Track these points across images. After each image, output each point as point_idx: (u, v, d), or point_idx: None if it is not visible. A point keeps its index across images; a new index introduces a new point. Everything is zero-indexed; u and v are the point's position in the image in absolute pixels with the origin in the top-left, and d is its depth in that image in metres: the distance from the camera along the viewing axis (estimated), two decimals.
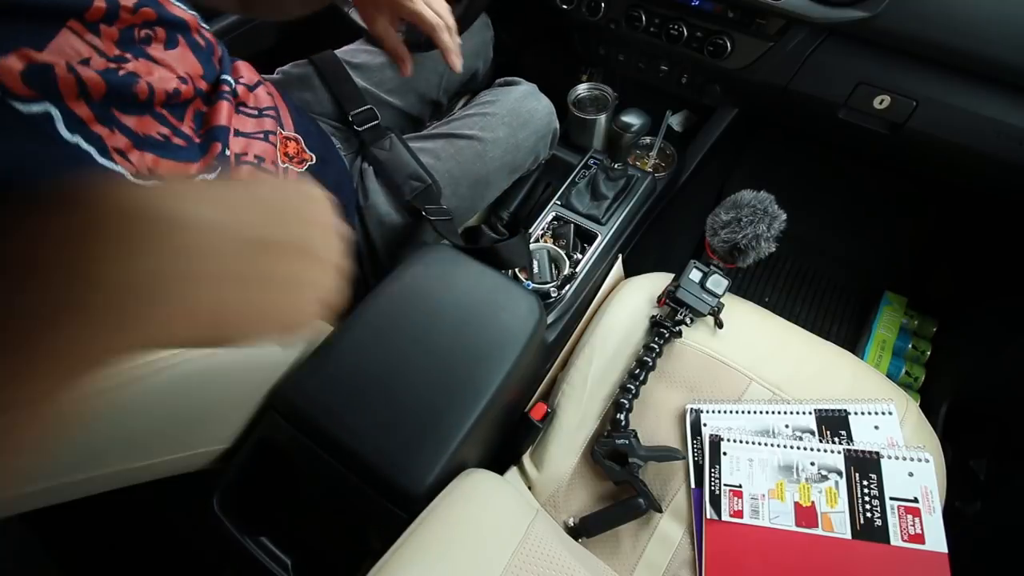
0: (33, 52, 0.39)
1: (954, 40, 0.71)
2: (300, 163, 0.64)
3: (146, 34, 0.50)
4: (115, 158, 0.45)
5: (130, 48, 0.47)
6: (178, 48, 0.53)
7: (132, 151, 0.47)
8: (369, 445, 0.55)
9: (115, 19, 0.46)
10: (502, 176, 0.86)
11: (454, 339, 0.60)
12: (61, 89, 0.41)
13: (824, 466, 0.62)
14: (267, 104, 0.63)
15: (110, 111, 0.45)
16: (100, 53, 0.45)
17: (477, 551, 0.54)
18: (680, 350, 0.72)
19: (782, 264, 1.24)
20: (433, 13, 0.65)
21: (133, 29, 0.48)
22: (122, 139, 0.46)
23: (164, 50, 0.51)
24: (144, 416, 0.51)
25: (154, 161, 0.48)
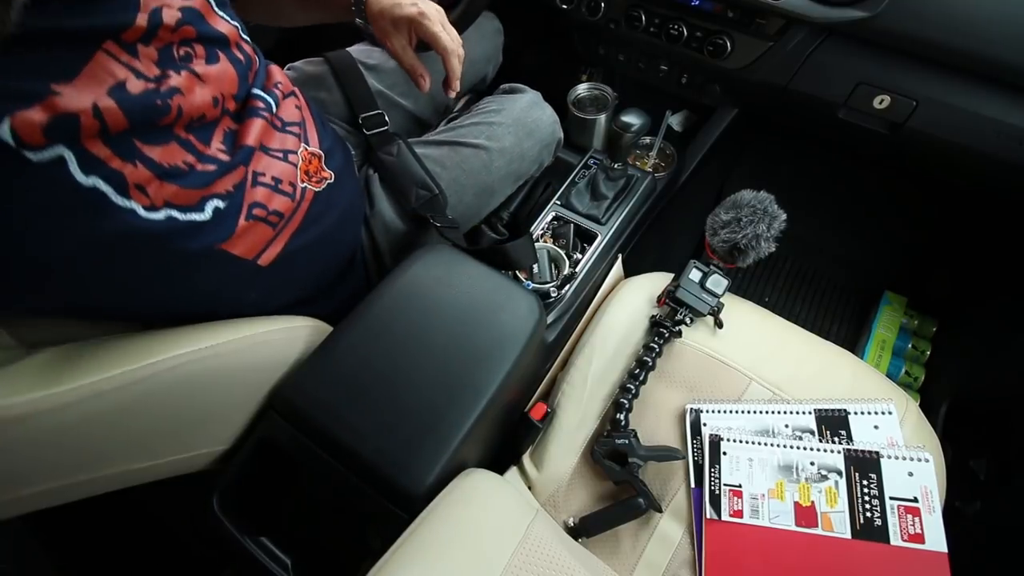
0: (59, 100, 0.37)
1: (954, 40, 0.71)
2: (318, 182, 0.62)
3: (186, 52, 0.48)
4: (132, 194, 0.43)
5: (171, 65, 0.46)
6: (219, 64, 0.51)
7: (152, 183, 0.45)
8: (369, 445, 0.55)
9: (153, 38, 0.44)
10: (507, 184, 0.87)
11: (454, 339, 0.60)
12: (82, 133, 0.39)
13: (824, 466, 0.62)
14: (294, 119, 0.62)
15: (132, 144, 0.43)
16: (138, 74, 0.43)
17: (477, 551, 0.54)
18: (680, 350, 0.72)
19: (782, 264, 1.24)
20: (448, 38, 0.66)
21: (172, 47, 0.46)
22: (144, 172, 0.44)
23: (206, 65, 0.50)
24: (145, 418, 0.51)
25: (174, 193, 0.47)
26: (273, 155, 0.57)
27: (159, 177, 0.45)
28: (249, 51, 0.56)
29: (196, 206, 0.49)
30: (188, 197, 0.48)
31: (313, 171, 0.62)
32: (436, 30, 0.65)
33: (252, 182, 0.55)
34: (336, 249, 0.69)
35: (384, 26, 0.67)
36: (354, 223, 0.71)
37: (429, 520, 0.53)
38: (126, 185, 0.43)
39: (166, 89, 0.45)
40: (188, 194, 0.48)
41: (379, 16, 0.66)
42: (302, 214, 0.60)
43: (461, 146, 0.80)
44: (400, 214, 0.75)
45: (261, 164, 0.56)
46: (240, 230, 0.53)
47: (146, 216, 0.45)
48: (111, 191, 0.42)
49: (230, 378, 0.56)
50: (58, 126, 0.37)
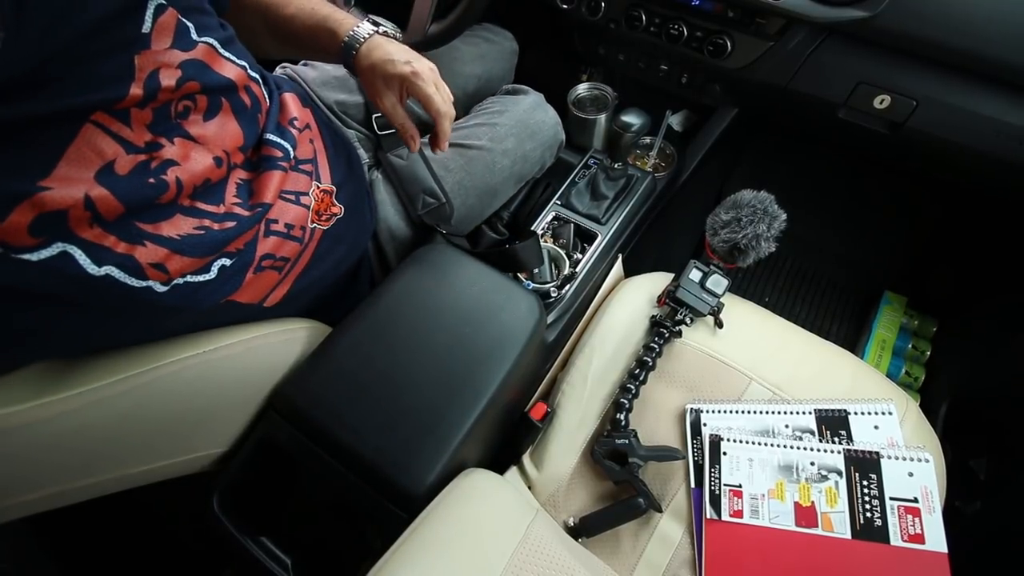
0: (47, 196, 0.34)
1: (954, 39, 0.71)
2: (327, 220, 0.60)
3: (185, 107, 0.43)
4: (149, 273, 0.41)
5: (164, 129, 0.42)
6: (219, 116, 0.47)
7: (171, 258, 0.42)
8: (369, 445, 0.55)
9: (151, 101, 0.40)
10: (509, 186, 0.87)
11: (454, 339, 0.60)
12: (72, 225, 0.36)
13: (824, 466, 0.62)
14: (307, 156, 0.59)
15: (133, 226, 0.40)
16: (128, 147, 0.39)
17: (477, 551, 0.54)
18: (680, 350, 0.72)
19: (782, 264, 1.24)
20: (442, 99, 0.61)
21: (170, 105, 0.42)
22: (160, 251, 0.42)
23: (203, 123, 0.45)
24: (145, 422, 0.51)
25: (192, 263, 0.44)
26: (286, 199, 0.54)
27: (176, 251, 0.43)
28: (258, 92, 0.52)
29: (204, 268, 0.47)
30: (198, 264, 0.46)
31: (324, 209, 0.59)
32: (430, 91, 0.59)
33: (265, 232, 0.52)
34: (342, 273, 0.67)
35: (374, 81, 0.61)
36: (361, 247, 0.70)
37: (429, 520, 0.53)
38: (140, 267, 0.41)
39: (158, 164, 0.41)
40: (199, 261, 0.46)
41: (369, 71, 0.60)
42: (309, 254, 0.58)
43: (465, 148, 0.80)
44: (406, 220, 0.75)
45: (275, 211, 0.53)
46: (248, 282, 0.52)
47: (161, 290, 0.43)
48: (125, 276, 0.40)
49: (230, 381, 0.56)
50: (45, 223, 0.34)
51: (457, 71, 0.89)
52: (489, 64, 0.94)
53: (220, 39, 0.47)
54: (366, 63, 0.60)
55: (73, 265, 0.37)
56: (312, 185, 0.58)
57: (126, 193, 0.38)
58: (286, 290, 0.57)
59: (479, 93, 0.93)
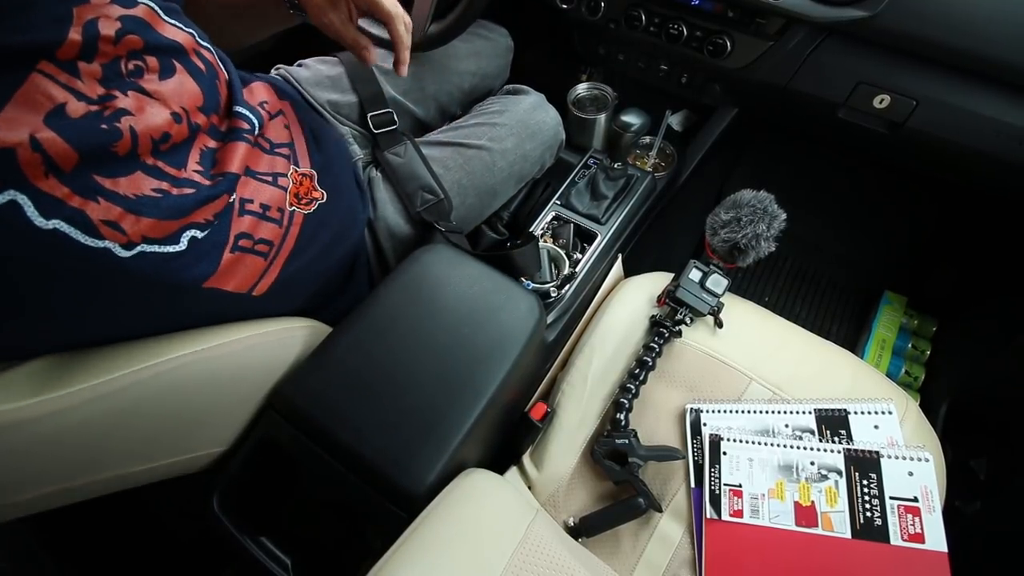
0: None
1: (954, 39, 0.71)
2: (308, 204, 0.60)
3: (135, 66, 0.43)
4: (104, 232, 0.40)
5: (117, 83, 0.41)
6: (175, 76, 0.46)
7: (126, 217, 0.41)
8: (369, 445, 0.55)
9: (95, 53, 0.39)
10: (509, 186, 0.86)
11: (454, 339, 0.60)
12: (25, 171, 0.35)
13: (824, 466, 0.62)
14: (282, 140, 0.59)
15: (90, 179, 0.39)
16: (79, 96, 0.38)
17: (477, 551, 0.54)
18: (680, 350, 0.72)
19: (782, 264, 1.24)
20: (392, 2, 0.60)
21: (119, 62, 0.42)
22: (113, 208, 0.40)
23: (159, 81, 0.45)
24: (144, 420, 0.51)
25: (150, 226, 0.43)
26: (262, 179, 0.54)
27: (131, 210, 0.41)
28: (211, 59, 0.51)
29: (171, 237, 0.45)
30: (164, 228, 0.44)
31: (304, 193, 0.59)
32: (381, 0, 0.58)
33: (240, 210, 0.52)
34: (334, 264, 0.67)
35: (320, 7, 0.60)
36: (351, 236, 0.70)
37: (429, 520, 0.53)
38: (91, 224, 0.39)
39: (112, 112, 0.40)
40: (164, 225, 0.44)
41: None
42: (293, 239, 0.58)
43: (464, 147, 0.80)
44: (405, 218, 0.75)
45: (249, 190, 0.53)
46: (226, 263, 0.51)
47: (123, 255, 0.42)
48: (77, 232, 0.38)
49: (230, 379, 0.56)
50: None
51: (452, 68, 0.89)
52: (484, 61, 0.94)
53: (161, 5, 0.46)
54: None
55: (21, 217, 0.35)
56: (290, 168, 0.58)
57: (77, 137, 0.37)
58: (274, 277, 0.57)
59: (475, 90, 0.92)
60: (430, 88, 0.86)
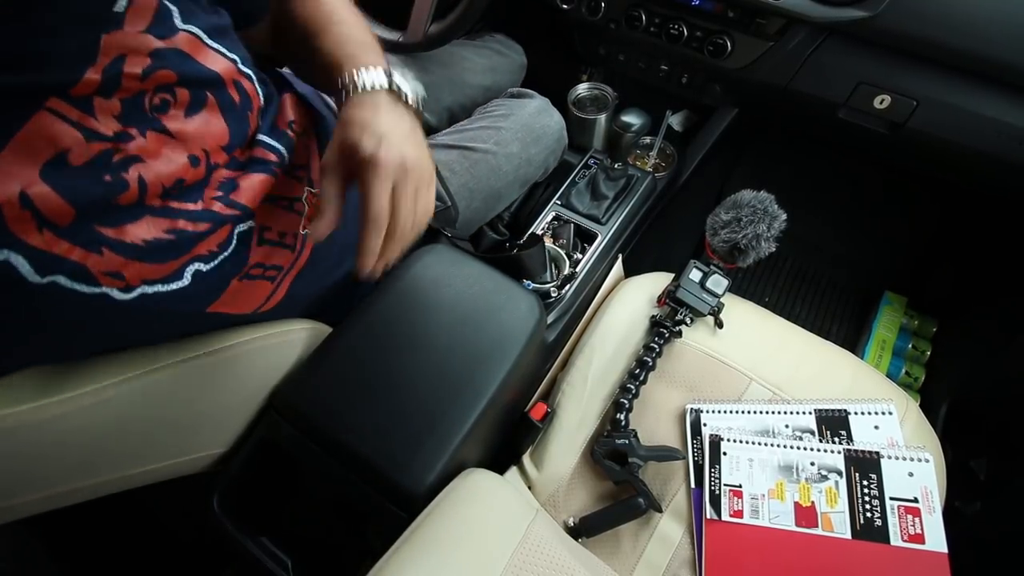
0: None
1: (954, 40, 0.71)
2: None
3: (162, 100, 0.38)
4: (103, 281, 0.37)
5: (137, 121, 0.37)
6: (203, 112, 0.41)
7: (129, 265, 0.38)
8: (369, 445, 0.55)
9: (116, 89, 0.35)
10: (514, 189, 0.87)
11: (454, 339, 0.60)
12: (13, 229, 0.32)
13: (824, 466, 0.62)
14: (302, 161, 0.54)
15: (92, 231, 0.36)
16: (90, 135, 0.34)
17: (477, 551, 0.54)
18: (680, 350, 0.72)
19: (782, 264, 1.24)
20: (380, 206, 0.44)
21: (143, 97, 0.37)
22: (115, 258, 0.37)
23: (184, 118, 0.40)
24: (145, 424, 0.51)
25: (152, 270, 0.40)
26: (280, 205, 0.51)
27: (136, 258, 0.38)
28: (249, 88, 0.46)
29: (174, 274, 0.42)
30: (166, 269, 0.41)
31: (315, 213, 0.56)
32: (376, 190, 0.44)
33: (259, 239, 0.48)
34: (341, 276, 0.65)
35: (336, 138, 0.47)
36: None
37: (429, 520, 0.53)
38: (92, 276, 0.36)
39: (122, 158, 0.36)
40: (166, 267, 0.41)
41: (340, 125, 0.47)
42: (303, 262, 0.56)
43: (470, 151, 0.80)
44: None
45: (269, 218, 0.49)
46: (232, 290, 0.48)
47: (122, 298, 0.39)
48: (75, 284, 0.36)
49: (231, 382, 0.56)
50: None
51: (468, 81, 0.90)
52: (498, 76, 0.95)
53: (208, 27, 0.41)
54: (345, 114, 0.47)
55: (13, 275, 0.33)
56: (305, 191, 0.54)
57: (74, 192, 0.33)
58: (280, 297, 0.56)
59: (485, 102, 0.93)
60: (446, 100, 0.88)
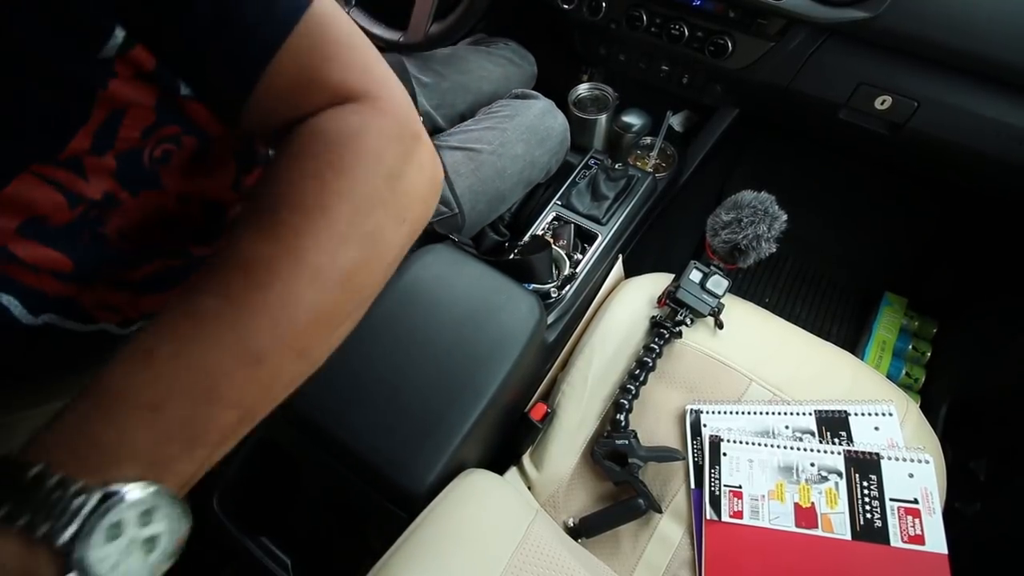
0: None
1: (955, 40, 0.71)
2: None
3: (164, 152, 0.34)
4: (99, 317, 0.36)
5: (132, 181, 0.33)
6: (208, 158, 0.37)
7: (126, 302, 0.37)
8: (369, 445, 0.55)
9: (107, 150, 0.31)
10: (517, 191, 0.87)
11: (454, 339, 0.60)
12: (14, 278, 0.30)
13: (824, 467, 0.62)
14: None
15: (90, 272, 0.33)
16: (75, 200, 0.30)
17: (477, 551, 0.54)
18: (680, 351, 0.72)
19: (782, 265, 1.24)
20: None
21: (141, 153, 0.33)
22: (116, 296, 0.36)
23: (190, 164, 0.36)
24: None
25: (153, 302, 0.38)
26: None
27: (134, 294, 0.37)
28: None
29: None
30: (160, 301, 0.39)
31: None
32: None
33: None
34: None
35: None
36: None
37: (429, 520, 0.53)
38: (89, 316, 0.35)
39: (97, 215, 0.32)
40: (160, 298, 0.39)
41: None
42: None
43: (475, 152, 0.80)
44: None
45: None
46: None
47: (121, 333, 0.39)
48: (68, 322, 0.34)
49: None
50: None
51: (482, 90, 0.92)
52: (512, 84, 0.97)
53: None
54: None
55: (6, 316, 0.31)
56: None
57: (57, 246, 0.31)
58: None
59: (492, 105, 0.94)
60: (459, 106, 0.89)
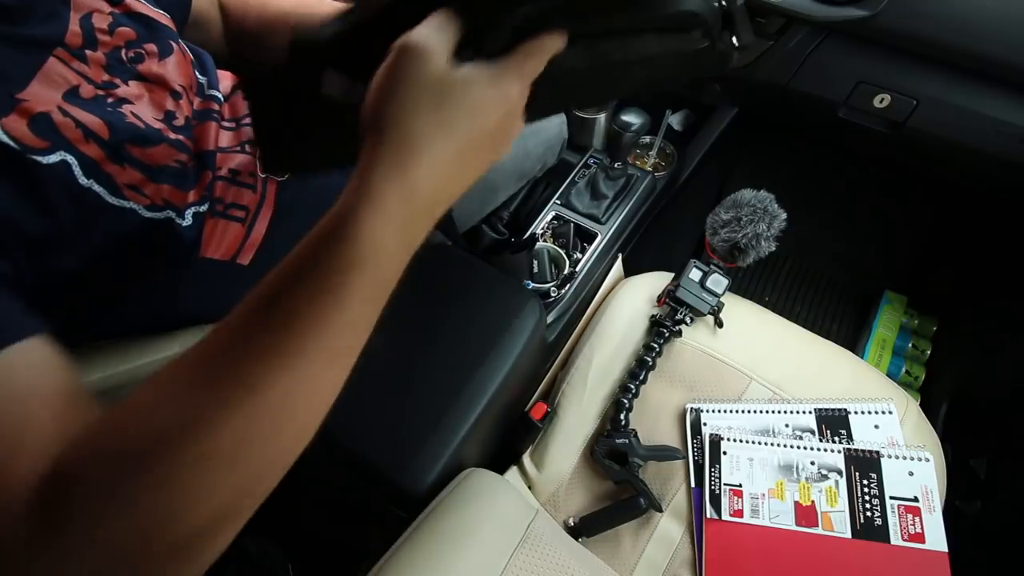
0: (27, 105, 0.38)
1: (954, 39, 0.71)
2: None
3: (136, 53, 0.47)
4: (127, 194, 0.44)
5: (119, 71, 0.46)
6: (172, 56, 0.50)
7: (147, 184, 0.45)
8: (369, 445, 0.55)
9: (96, 43, 0.44)
10: (510, 183, 0.86)
11: (454, 339, 0.60)
12: (65, 134, 0.40)
13: (824, 465, 0.62)
14: (244, 112, 0.59)
15: (123, 148, 0.44)
16: (88, 80, 0.43)
17: (477, 551, 0.54)
18: (680, 349, 0.72)
19: (782, 263, 1.24)
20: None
21: (119, 51, 0.46)
22: (135, 174, 0.44)
23: (159, 62, 0.49)
24: None
25: (170, 192, 0.47)
26: (230, 151, 0.55)
27: (152, 179, 0.45)
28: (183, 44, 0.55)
29: (180, 211, 0.48)
30: (175, 196, 0.47)
31: None
32: None
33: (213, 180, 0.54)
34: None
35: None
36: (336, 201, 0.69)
37: (429, 520, 0.53)
38: (117, 187, 0.43)
39: (114, 101, 0.44)
40: (175, 193, 0.47)
41: None
42: (271, 205, 0.57)
43: None
44: None
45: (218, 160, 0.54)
46: (208, 230, 0.52)
47: (146, 216, 0.45)
48: (104, 191, 0.42)
49: None
50: (39, 123, 0.38)
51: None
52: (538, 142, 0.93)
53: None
54: None
55: (69, 174, 0.40)
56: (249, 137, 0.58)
57: (95, 112, 0.42)
58: (258, 244, 0.56)
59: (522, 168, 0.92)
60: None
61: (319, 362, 0.30)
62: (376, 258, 0.30)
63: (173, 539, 0.27)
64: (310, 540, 0.61)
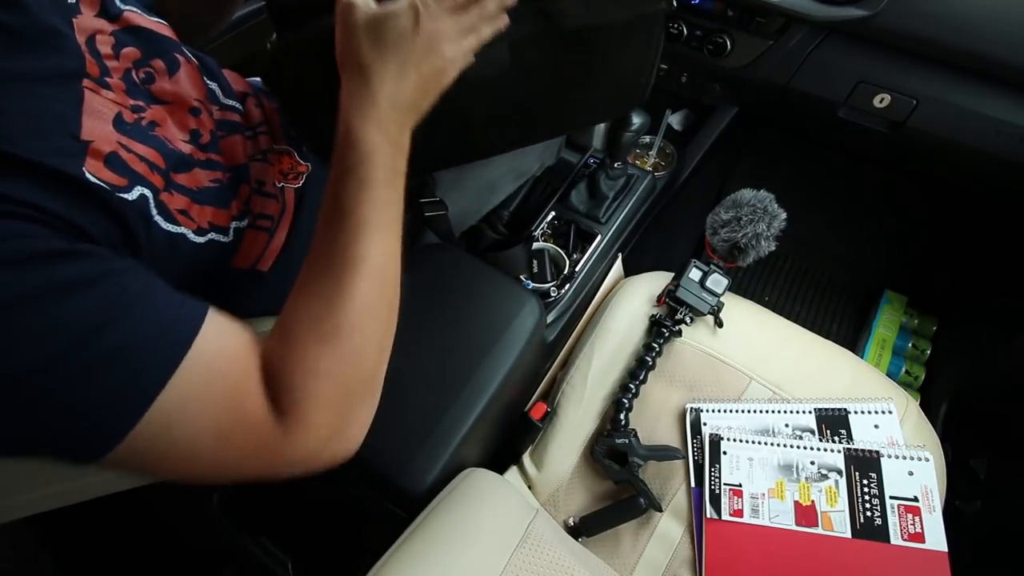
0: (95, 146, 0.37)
1: (954, 38, 0.71)
2: (295, 178, 0.59)
3: (145, 73, 0.46)
4: (179, 220, 0.44)
5: (138, 94, 0.45)
6: (182, 68, 0.49)
7: (192, 207, 0.45)
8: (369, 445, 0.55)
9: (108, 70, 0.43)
10: (508, 181, 0.86)
11: (454, 339, 0.60)
12: (136, 169, 0.40)
13: (824, 465, 0.62)
14: (259, 119, 0.59)
15: (171, 176, 0.44)
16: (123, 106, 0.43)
17: (477, 551, 0.54)
18: (680, 349, 0.72)
19: (782, 263, 1.24)
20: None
21: (130, 74, 0.45)
22: (181, 199, 0.44)
23: (170, 79, 0.48)
24: None
25: (213, 214, 0.47)
26: (253, 160, 0.55)
27: (196, 201, 0.46)
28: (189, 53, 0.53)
29: (224, 228, 0.48)
30: (219, 216, 0.48)
31: (288, 168, 0.59)
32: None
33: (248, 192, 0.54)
34: None
35: None
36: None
37: (429, 520, 0.53)
38: (170, 213, 0.43)
39: (147, 124, 0.44)
40: (218, 213, 0.48)
41: None
42: (291, 213, 0.58)
43: None
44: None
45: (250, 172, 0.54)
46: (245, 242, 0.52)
47: (197, 241, 0.45)
48: (161, 220, 0.42)
49: None
50: (112, 162, 0.38)
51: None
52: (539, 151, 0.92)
53: (142, 5, 0.50)
54: None
55: (146, 207, 0.40)
56: (271, 144, 0.59)
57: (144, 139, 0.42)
58: (278, 250, 0.57)
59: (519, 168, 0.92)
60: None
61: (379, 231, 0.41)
62: (374, 151, 0.41)
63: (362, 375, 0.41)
64: (310, 540, 0.61)
